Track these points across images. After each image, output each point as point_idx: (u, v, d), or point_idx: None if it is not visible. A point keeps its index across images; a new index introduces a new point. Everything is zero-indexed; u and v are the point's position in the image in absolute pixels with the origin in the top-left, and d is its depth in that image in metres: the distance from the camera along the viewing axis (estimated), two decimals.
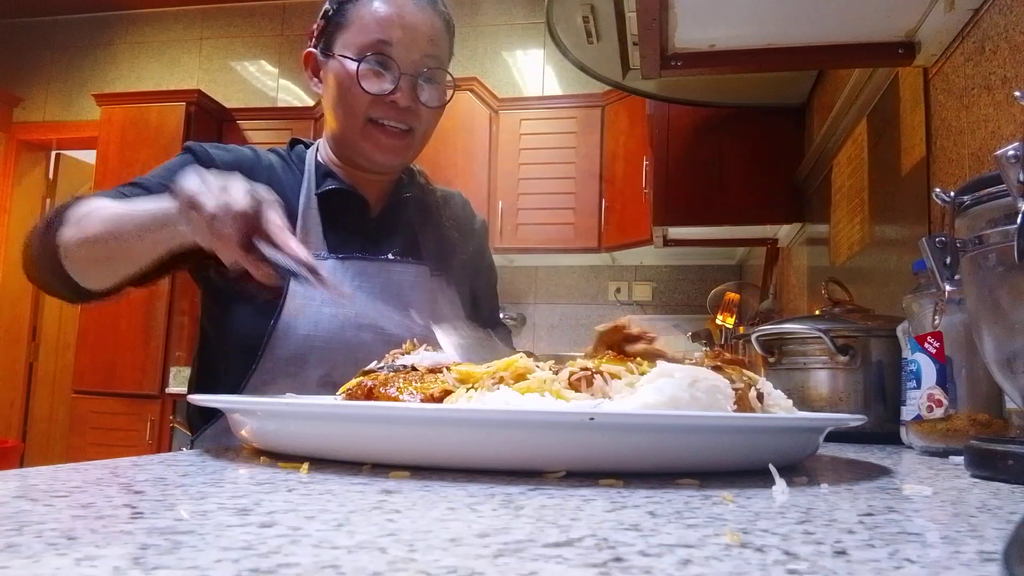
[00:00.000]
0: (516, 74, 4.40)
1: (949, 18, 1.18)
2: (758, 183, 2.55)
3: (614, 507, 0.39)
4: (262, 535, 0.30)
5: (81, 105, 4.76)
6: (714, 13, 1.34)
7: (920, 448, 0.81)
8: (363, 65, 0.98)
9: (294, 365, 0.96)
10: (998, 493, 0.49)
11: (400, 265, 1.05)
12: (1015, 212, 0.50)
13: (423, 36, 1.01)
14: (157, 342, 3.88)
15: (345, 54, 0.99)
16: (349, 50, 0.99)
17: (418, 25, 1.00)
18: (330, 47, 1.02)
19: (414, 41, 1.00)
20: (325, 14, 1.04)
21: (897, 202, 1.51)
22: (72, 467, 0.50)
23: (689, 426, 0.50)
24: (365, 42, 0.99)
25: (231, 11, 4.78)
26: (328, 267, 1.00)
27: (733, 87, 2.35)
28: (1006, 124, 1.02)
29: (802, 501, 0.42)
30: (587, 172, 3.81)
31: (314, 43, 1.06)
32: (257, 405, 0.60)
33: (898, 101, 1.51)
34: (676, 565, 0.27)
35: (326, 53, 1.03)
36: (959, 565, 0.28)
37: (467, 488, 0.44)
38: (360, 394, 0.60)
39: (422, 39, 1.01)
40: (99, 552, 0.27)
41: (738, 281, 3.62)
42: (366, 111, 1.00)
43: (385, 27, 0.99)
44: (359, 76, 0.98)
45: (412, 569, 0.25)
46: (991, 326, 0.59)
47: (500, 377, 0.57)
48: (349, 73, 0.99)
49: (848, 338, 1.01)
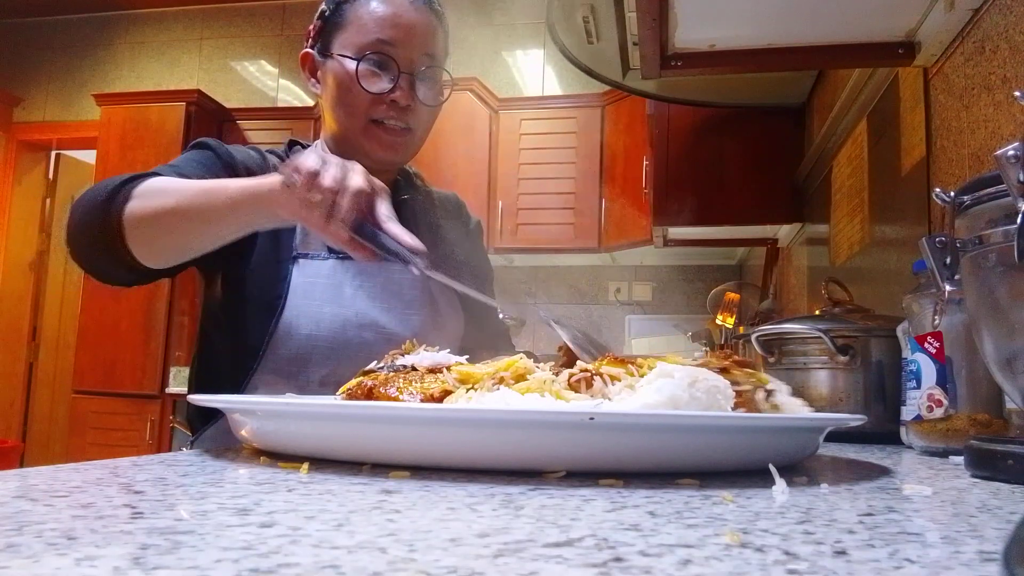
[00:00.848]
0: (516, 74, 4.40)
1: (949, 18, 1.18)
2: (758, 183, 2.56)
3: (614, 507, 0.39)
4: (262, 535, 0.30)
5: (81, 105, 4.76)
6: (714, 13, 1.34)
7: (920, 448, 0.81)
8: (362, 65, 0.98)
9: (296, 365, 0.96)
10: (998, 493, 0.49)
11: (400, 264, 1.05)
12: (1015, 212, 0.50)
13: (421, 35, 1.01)
14: (157, 342, 3.89)
15: (344, 54, 0.99)
16: (348, 50, 0.99)
17: (415, 24, 1.01)
18: (328, 47, 1.02)
19: (412, 40, 1.00)
20: (322, 15, 1.04)
21: (897, 202, 1.51)
22: (72, 467, 0.49)
23: (689, 426, 0.50)
24: (364, 42, 0.99)
25: (231, 11, 4.78)
26: (328, 267, 1.00)
27: (733, 87, 2.35)
28: (1006, 124, 1.02)
29: (802, 501, 0.42)
30: (587, 172, 3.81)
31: (311, 44, 1.06)
32: (257, 405, 0.60)
33: (898, 101, 1.51)
34: (676, 565, 0.27)
35: (324, 53, 1.03)
36: (959, 565, 0.28)
37: (467, 488, 0.44)
38: (360, 394, 0.60)
39: (420, 38, 1.01)
40: (99, 552, 0.27)
41: (738, 281, 3.62)
42: (366, 111, 1.00)
43: (383, 26, 0.99)
44: (359, 75, 0.98)
45: (412, 569, 0.25)
46: (991, 326, 0.59)
47: (500, 378, 0.57)
48: (348, 73, 0.99)
49: (848, 338, 1.01)
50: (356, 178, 0.74)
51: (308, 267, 0.99)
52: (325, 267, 1.00)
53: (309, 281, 0.98)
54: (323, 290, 0.98)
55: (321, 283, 0.99)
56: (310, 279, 0.98)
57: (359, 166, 0.76)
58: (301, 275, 0.98)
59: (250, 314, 0.98)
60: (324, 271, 0.99)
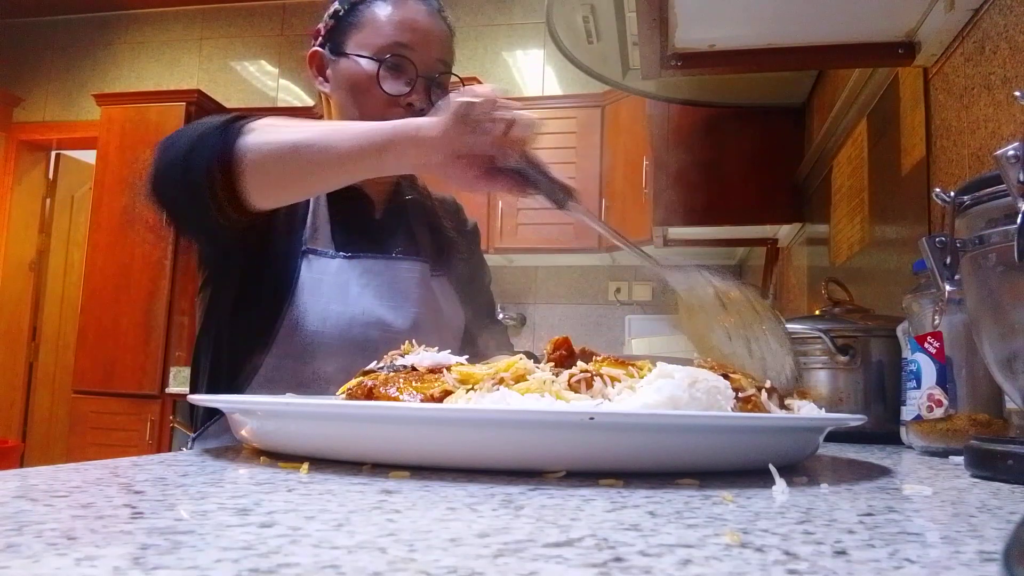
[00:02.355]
0: (516, 74, 4.40)
1: (949, 18, 1.18)
2: (758, 183, 2.55)
3: (614, 507, 0.39)
4: (262, 535, 0.30)
5: (81, 105, 4.76)
6: (714, 13, 1.34)
7: (920, 448, 0.81)
8: (381, 67, 0.98)
9: (301, 361, 0.96)
10: (998, 493, 0.49)
11: (405, 263, 1.05)
12: (1015, 212, 0.50)
13: (437, 41, 1.02)
14: (157, 342, 3.88)
15: (361, 54, 0.99)
16: (364, 51, 1.00)
17: (431, 30, 1.02)
18: (341, 47, 1.02)
19: (429, 45, 1.01)
20: (335, 14, 1.04)
21: (897, 202, 1.51)
22: (72, 467, 0.49)
23: (689, 426, 0.50)
24: (382, 43, 0.99)
25: (231, 11, 4.78)
26: (335, 265, 1.00)
27: (733, 87, 2.34)
28: (1006, 124, 1.02)
29: (802, 501, 0.42)
30: (587, 172, 3.81)
31: (321, 42, 1.05)
32: (257, 405, 0.60)
33: (898, 101, 1.51)
34: (676, 565, 0.27)
35: (337, 53, 1.03)
36: (959, 565, 0.28)
37: (467, 488, 0.44)
38: (360, 394, 0.60)
39: (436, 44, 1.02)
40: (99, 552, 0.27)
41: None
42: (382, 112, 1.00)
43: (402, 29, 1.00)
44: (379, 77, 0.98)
45: (412, 569, 0.25)
46: (991, 326, 0.59)
47: (500, 378, 0.57)
48: (367, 73, 0.99)
49: (848, 338, 1.01)
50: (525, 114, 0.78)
51: (316, 264, 0.99)
52: (332, 265, 1.00)
53: (316, 278, 0.98)
54: (330, 288, 0.99)
55: (328, 280, 0.99)
56: (317, 276, 0.99)
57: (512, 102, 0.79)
58: (309, 272, 0.98)
59: (259, 309, 0.98)
60: (331, 269, 1.00)
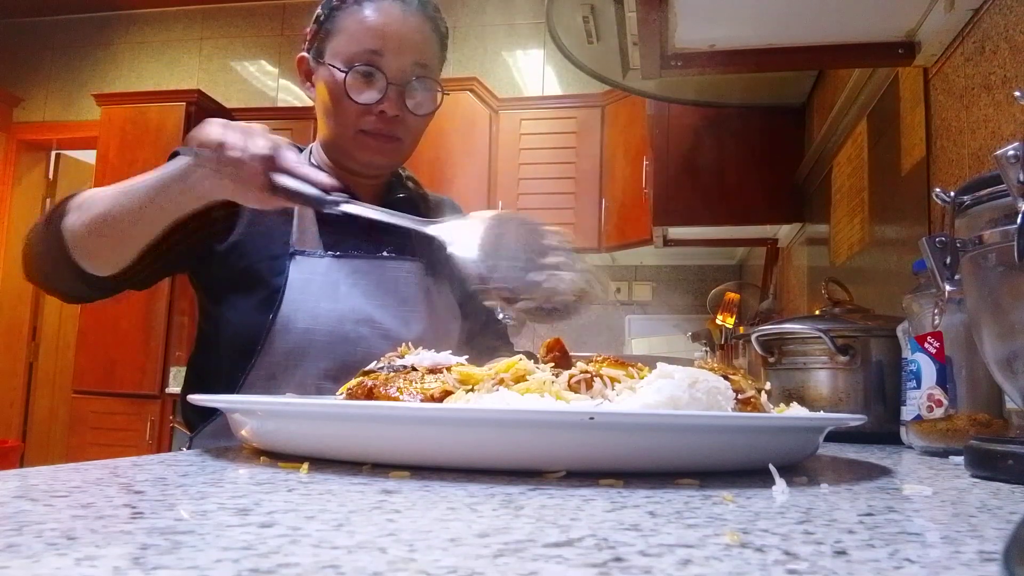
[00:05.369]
0: (516, 74, 4.40)
1: (949, 18, 1.18)
2: (758, 183, 2.55)
3: (614, 507, 0.39)
4: (262, 535, 0.30)
5: (81, 105, 4.76)
6: (714, 13, 1.34)
7: (920, 448, 0.81)
8: (350, 75, 0.98)
9: (293, 359, 0.97)
10: (998, 493, 0.49)
11: (394, 262, 1.05)
12: (1015, 212, 0.50)
13: (412, 44, 1.01)
14: (157, 342, 3.88)
15: (334, 63, 1.00)
16: (338, 58, 1.00)
17: (407, 33, 1.01)
18: (321, 53, 1.03)
19: (403, 50, 1.00)
20: (317, 19, 1.04)
21: (897, 202, 1.51)
22: (72, 467, 0.49)
23: (689, 426, 0.50)
24: (353, 51, 0.99)
25: (231, 11, 4.78)
26: (324, 264, 1.00)
27: (733, 87, 2.35)
28: (1006, 124, 1.02)
29: (802, 501, 0.42)
30: (587, 172, 3.81)
31: (307, 47, 1.06)
32: (257, 405, 0.60)
33: (898, 101, 1.51)
34: (676, 565, 0.27)
35: (317, 59, 1.03)
36: (959, 565, 0.28)
37: (467, 488, 0.44)
38: (360, 394, 0.60)
39: (411, 47, 1.01)
40: (99, 552, 0.27)
41: (738, 281, 3.62)
42: (355, 121, 1.00)
43: (373, 36, 0.99)
44: (347, 86, 0.98)
45: (412, 569, 0.25)
46: (991, 326, 0.59)
47: (500, 378, 0.57)
48: (337, 83, 0.99)
49: (848, 338, 1.01)
50: (258, 140, 0.78)
51: (305, 264, 0.99)
52: (321, 264, 1.00)
53: (305, 278, 0.99)
54: (319, 286, 0.99)
55: (318, 279, 0.99)
56: (306, 275, 0.99)
57: (259, 127, 0.81)
58: (298, 271, 0.99)
59: (247, 310, 0.98)
60: (320, 268, 1.00)
